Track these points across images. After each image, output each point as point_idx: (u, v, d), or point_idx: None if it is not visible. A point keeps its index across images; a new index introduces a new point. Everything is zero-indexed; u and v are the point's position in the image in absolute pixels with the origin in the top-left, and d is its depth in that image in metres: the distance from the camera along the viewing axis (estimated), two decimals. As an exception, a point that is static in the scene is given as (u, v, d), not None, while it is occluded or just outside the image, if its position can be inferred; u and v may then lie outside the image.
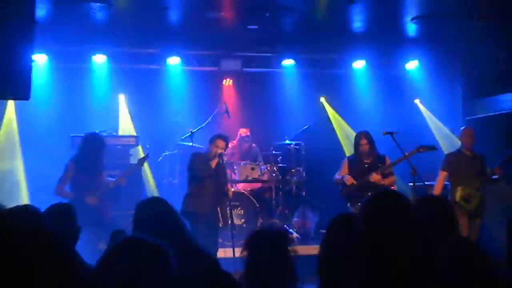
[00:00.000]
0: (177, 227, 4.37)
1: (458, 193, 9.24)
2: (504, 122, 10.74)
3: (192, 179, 8.81)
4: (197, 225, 8.37)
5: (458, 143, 10.07)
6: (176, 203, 9.20)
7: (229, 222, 8.83)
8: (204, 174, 8.68)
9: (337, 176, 9.56)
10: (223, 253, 8.72)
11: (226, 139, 8.93)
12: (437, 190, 9.44)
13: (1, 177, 10.96)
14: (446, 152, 10.65)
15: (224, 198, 8.85)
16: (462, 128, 9.81)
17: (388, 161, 9.40)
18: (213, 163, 8.68)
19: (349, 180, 9.35)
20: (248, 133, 11.85)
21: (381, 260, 2.68)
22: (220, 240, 9.20)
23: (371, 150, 9.42)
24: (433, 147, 9.66)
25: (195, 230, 8.39)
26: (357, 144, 9.54)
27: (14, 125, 11.25)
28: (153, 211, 4.46)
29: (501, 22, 9.96)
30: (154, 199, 4.96)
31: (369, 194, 8.64)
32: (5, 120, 11.19)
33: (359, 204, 9.01)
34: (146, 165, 10.59)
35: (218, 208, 8.78)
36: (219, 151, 8.72)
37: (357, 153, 9.55)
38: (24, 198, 10.63)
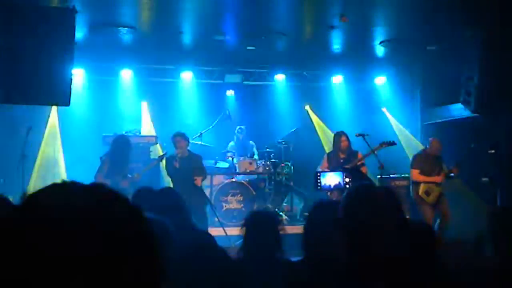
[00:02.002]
0: (181, 209, 4.39)
1: (421, 188, 9.19)
2: (454, 126, 10.78)
3: (171, 181, 8.96)
4: None
5: (416, 144, 10.05)
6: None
7: (210, 204, 8.94)
8: (173, 176, 8.87)
9: (319, 169, 9.56)
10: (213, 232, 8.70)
11: (179, 135, 8.97)
12: (421, 179, 9.26)
13: (46, 163, 11.01)
14: (406, 150, 10.67)
15: (196, 186, 8.77)
16: (431, 138, 9.55)
17: (360, 155, 9.37)
18: (176, 164, 8.76)
19: (328, 172, 9.34)
20: (242, 127, 11.79)
21: (355, 236, 2.72)
22: (216, 220, 9.19)
23: (348, 146, 9.42)
24: (393, 142, 9.67)
25: None
26: (337, 141, 9.47)
27: (57, 126, 11.26)
28: (166, 197, 4.53)
29: (450, 45, 10.02)
30: (167, 188, 5.03)
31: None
32: (49, 122, 11.21)
33: (335, 192, 9.03)
34: (163, 160, 10.59)
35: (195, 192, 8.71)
36: (181, 145, 8.80)
37: (335, 150, 9.51)
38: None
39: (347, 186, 6.90)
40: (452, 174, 9.21)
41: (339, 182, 7.10)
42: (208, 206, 9.13)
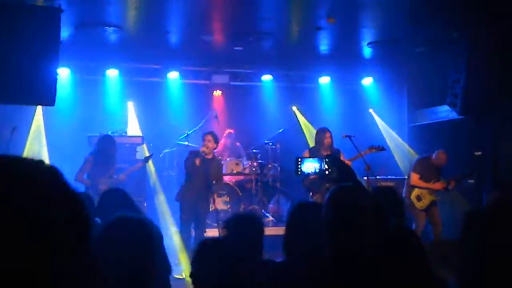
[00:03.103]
0: (131, 206, 4.39)
1: (413, 193, 9.22)
2: (441, 128, 10.86)
3: (185, 173, 8.88)
4: (185, 209, 8.44)
5: (402, 145, 10.03)
6: (173, 191, 9.33)
7: (213, 208, 8.86)
8: (189, 170, 8.69)
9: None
10: (210, 232, 8.72)
11: (211, 134, 8.86)
12: (422, 185, 9.27)
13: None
14: (393, 151, 10.69)
15: (208, 189, 8.70)
16: (437, 151, 9.36)
17: (342, 154, 9.20)
18: (197, 161, 8.62)
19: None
20: (232, 132, 11.86)
21: (340, 236, 2.74)
22: (208, 222, 9.22)
23: (332, 144, 9.32)
24: (382, 148, 9.68)
25: (184, 213, 8.46)
26: (321, 137, 9.29)
27: (42, 126, 11.20)
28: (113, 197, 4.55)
29: (438, 47, 10.10)
30: (114, 189, 5.07)
31: (327, 185, 8.33)
32: (34, 122, 11.14)
33: (318, 193, 8.84)
34: (150, 161, 10.56)
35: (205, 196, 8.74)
36: (208, 145, 8.66)
37: (318, 146, 9.31)
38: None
39: (326, 172, 6.95)
40: (450, 186, 9.22)
41: (319, 169, 7.17)
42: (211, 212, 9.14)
